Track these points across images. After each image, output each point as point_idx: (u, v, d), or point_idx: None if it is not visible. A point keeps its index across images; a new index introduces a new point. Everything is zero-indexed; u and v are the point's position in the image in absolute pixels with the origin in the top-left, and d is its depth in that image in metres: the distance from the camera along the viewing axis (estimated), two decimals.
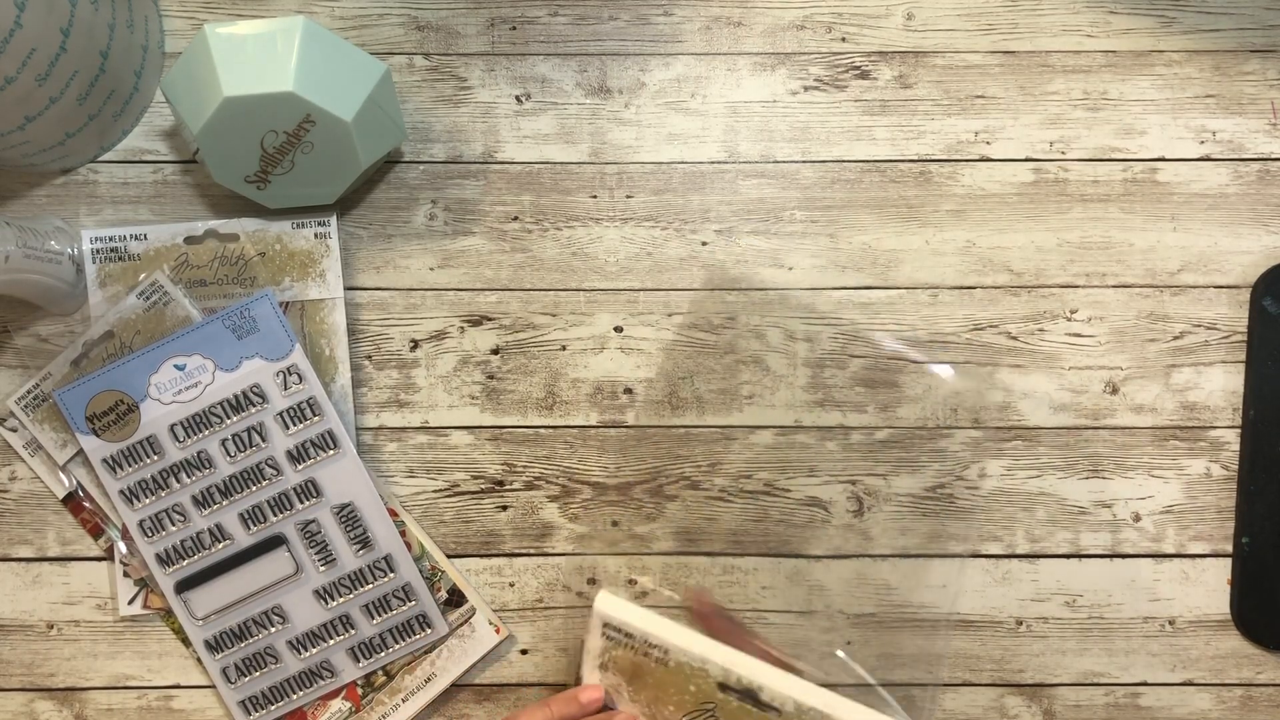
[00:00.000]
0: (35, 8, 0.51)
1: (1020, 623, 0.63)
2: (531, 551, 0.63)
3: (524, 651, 0.63)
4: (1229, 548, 0.63)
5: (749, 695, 0.49)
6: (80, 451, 0.61)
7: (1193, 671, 0.63)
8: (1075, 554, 0.63)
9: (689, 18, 0.64)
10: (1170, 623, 0.63)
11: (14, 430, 0.62)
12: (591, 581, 0.63)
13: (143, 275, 0.62)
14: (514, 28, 0.64)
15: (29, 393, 0.61)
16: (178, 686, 0.63)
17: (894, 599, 0.63)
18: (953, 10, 0.64)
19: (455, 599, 0.62)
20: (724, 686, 0.49)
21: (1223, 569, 0.63)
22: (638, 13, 0.64)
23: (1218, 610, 0.63)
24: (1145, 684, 0.63)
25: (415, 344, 0.63)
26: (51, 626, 0.63)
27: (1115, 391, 0.63)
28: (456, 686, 0.63)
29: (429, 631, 0.62)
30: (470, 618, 0.62)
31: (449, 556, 0.63)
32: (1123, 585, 0.63)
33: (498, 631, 0.62)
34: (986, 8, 0.64)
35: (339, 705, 0.62)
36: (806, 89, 0.64)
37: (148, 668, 0.63)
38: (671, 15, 0.64)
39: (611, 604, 0.49)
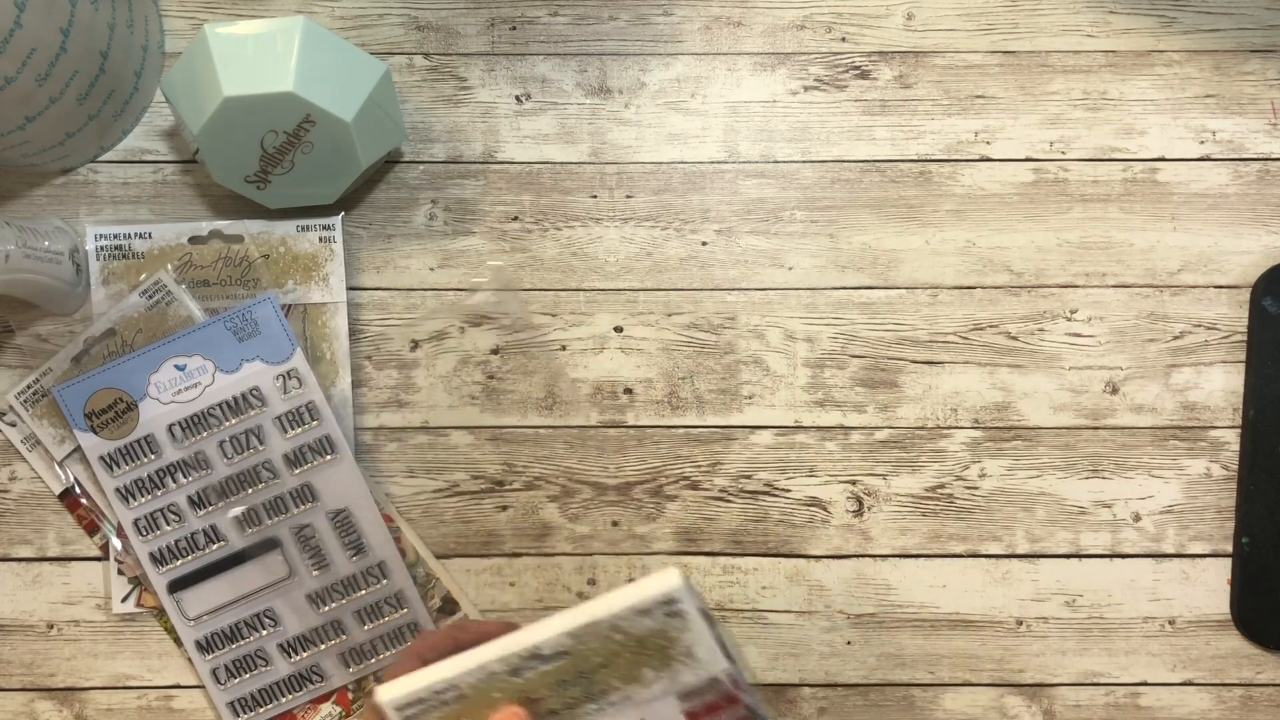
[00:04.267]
0: (35, 8, 0.51)
1: (1020, 623, 0.63)
2: (531, 551, 0.63)
3: None
4: (1229, 548, 0.63)
5: (537, 659, 0.48)
6: (78, 448, 0.61)
7: (1193, 671, 0.63)
8: (1075, 554, 0.63)
9: (689, 18, 0.64)
10: (1170, 623, 0.63)
11: (13, 425, 0.62)
12: (591, 582, 0.63)
13: (145, 274, 0.62)
14: (514, 28, 0.64)
15: (29, 387, 0.61)
16: (178, 686, 0.63)
17: (894, 599, 0.63)
18: (953, 10, 0.64)
19: (448, 607, 0.62)
20: (516, 671, 0.48)
21: (1223, 569, 0.63)
22: (638, 13, 0.64)
23: (1218, 610, 0.63)
24: (1145, 684, 0.63)
25: (415, 344, 0.63)
26: (51, 626, 0.63)
27: (1115, 391, 0.63)
28: None
29: None
30: None
31: (449, 556, 0.63)
32: (1123, 585, 0.63)
33: None
34: (986, 8, 0.64)
35: (329, 709, 0.62)
36: (806, 89, 0.64)
37: (148, 668, 0.63)
38: (671, 15, 0.64)
39: (390, 689, 0.48)
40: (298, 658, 0.61)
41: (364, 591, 0.61)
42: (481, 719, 0.48)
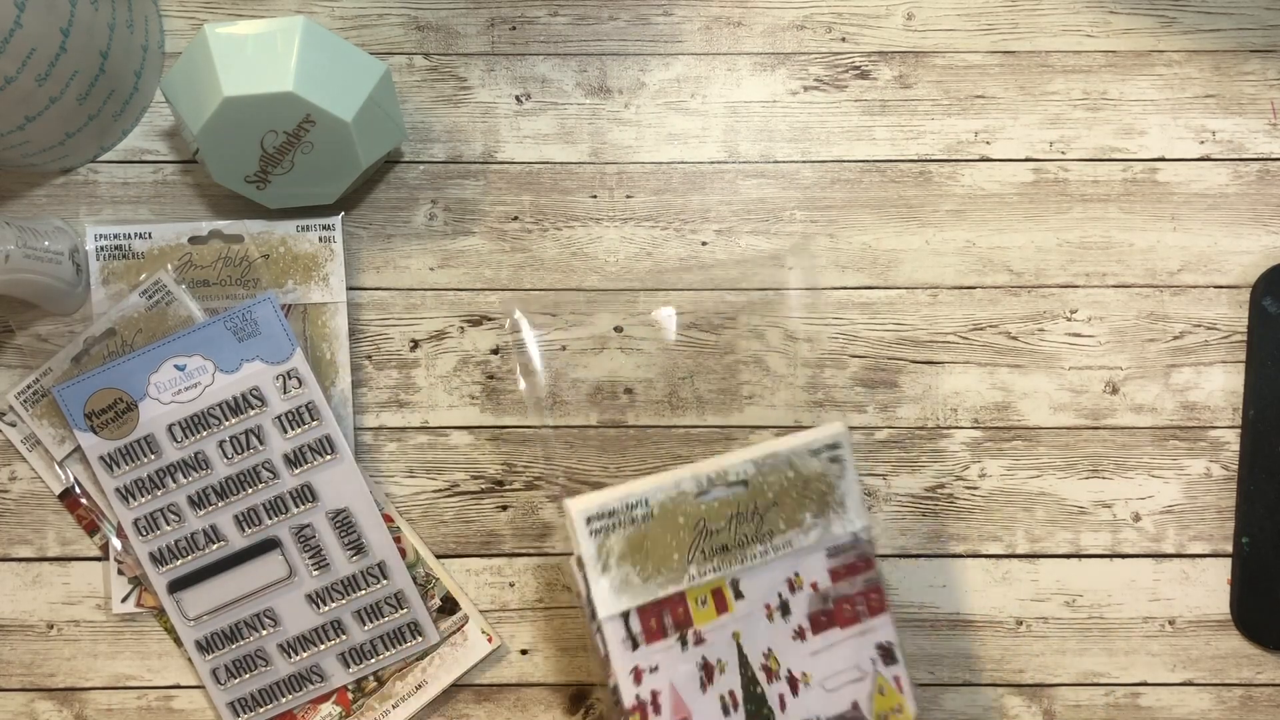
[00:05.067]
0: (35, 8, 0.51)
1: (1020, 623, 0.63)
2: (531, 551, 0.63)
3: (524, 652, 0.63)
4: (1229, 548, 0.63)
5: (720, 484, 0.52)
6: (78, 448, 0.61)
7: (1193, 671, 0.63)
8: (1075, 554, 0.63)
9: (689, 18, 0.64)
10: (1170, 623, 0.63)
11: (13, 425, 0.62)
12: None
13: (145, 274, 0.62)
14: (514, 28, 0.64)
15: (29, 388, 0.61)
16: (178, 686, 0.63)
17: (894, 599, 0.63)
18: (953, 10, 0.64)
19: (448, 607, 0.62)
20: (703, 492, 0.51)
21: (1223, 569, 0.63)
22: (638, 13, 0.64)
23: (1218, 610, 0.63)
24: (1145, 684, 0.63)
25: (415, 344, 0.63)
26: (51, 626, 0.63)
27: (1115, 391, 0.63)
28: (456, 687, 0.63)
29: (420, 639, 0.62)
30: (463, 626, 0.62)
31: (449, 556, 0.63)
32: (1123, 585, 0.63)
33: (490, 640, 0.62)
34: (986, 8, 0.64)
35: (329, 709, 0.62)
36: (806, 89, 0.64)
37: (148, 668, 0.63)
38: (671, 15, 0.64)
39: (580, 500, 0.51)
40: (298, 658, 0.61)
41: (364, 591, 0.61)
42: (661, 543, 0.51)
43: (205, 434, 0.60)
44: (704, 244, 0.63)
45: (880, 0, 0.64)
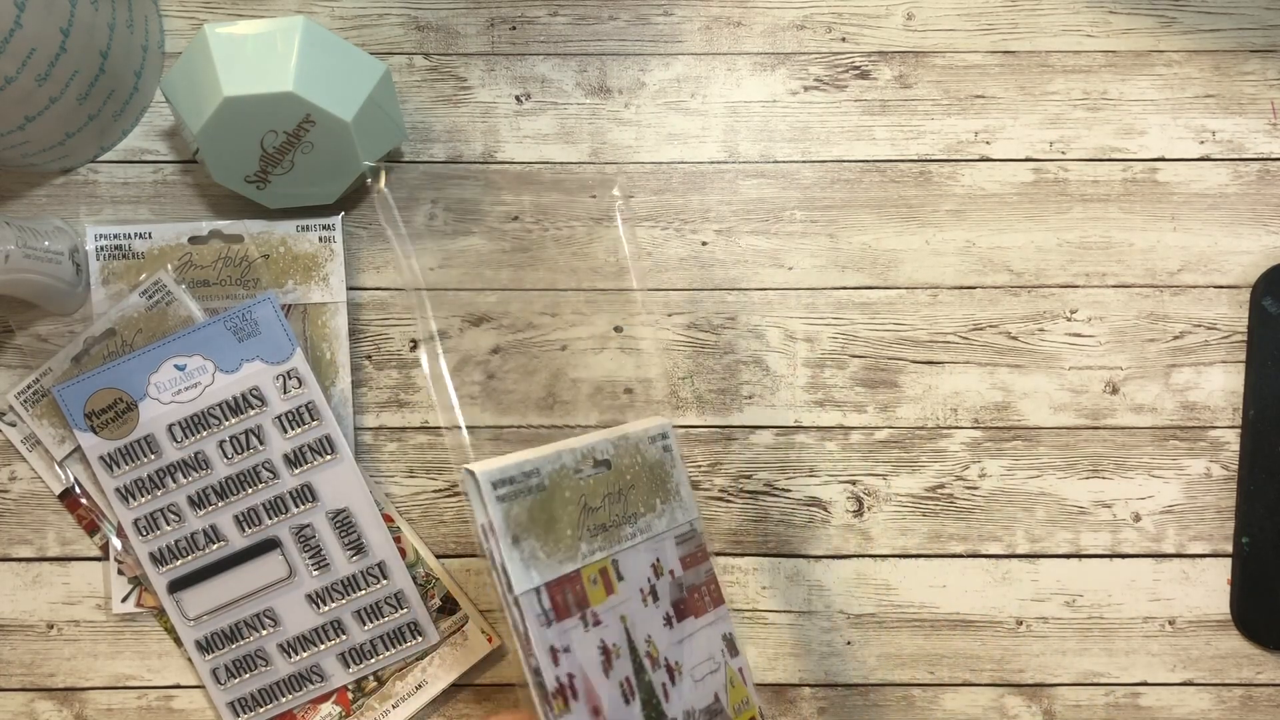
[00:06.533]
0: (35, 8, 0.51)
1: (1020, 623, 0.63)
2: None
3: None
4: (1229, 548, 0.63)
5: (592, 462, 0.52)
6: (78, 448, 0.61)
7: (1193, 671, 0.63)
8: (1075, 554, 0.63)
9: (689, 18, 0.64)
10: (1170, 623, 0.63)
11: (13, 425, 0.62)
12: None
13: (145, 274, 0.62)
14: (514, 28, 0.64)
15: (29, 388, 0.61)
16: (178, 686, 0.63)
17: (894, 599, 0.63)
18: (953, 10, 0.64)
19: (448, 607, 0.62)
20: (579, 469, 0.51)
21: (1223, 569, 0.63)
22: (638, 13, 0.64)
23: (1218, 610, 0.63)
24: (1145, 684, 0.63)
25: (415, 344, 0.63)
26: (51, 626, 0.63)
27: (1115, 391, 0.63)
28: (456, 687, 0.63)
29: (420, 639, 0.62)
30: (463, 626, 0.62)
31: (449, 556, 0.63)
32: (1123, 585, 0.63)
33: (490, 641, 0.62)
34: (986, 8, 0.64)
35: (329, 709, 0.62)
36: (806, 89, 0.64)
37: (148, 668, 0.63)
38: (671, 15, 0.64)
39: (486, 465, 0.48)
40: (298, 658, 0.61)
41: (364, 591, 0.61)
42: (556, 517, 0.50)
43: (205, 434, 0.60)
44: (704, 244, 0.63)
45: (880, 0, 0.64)
